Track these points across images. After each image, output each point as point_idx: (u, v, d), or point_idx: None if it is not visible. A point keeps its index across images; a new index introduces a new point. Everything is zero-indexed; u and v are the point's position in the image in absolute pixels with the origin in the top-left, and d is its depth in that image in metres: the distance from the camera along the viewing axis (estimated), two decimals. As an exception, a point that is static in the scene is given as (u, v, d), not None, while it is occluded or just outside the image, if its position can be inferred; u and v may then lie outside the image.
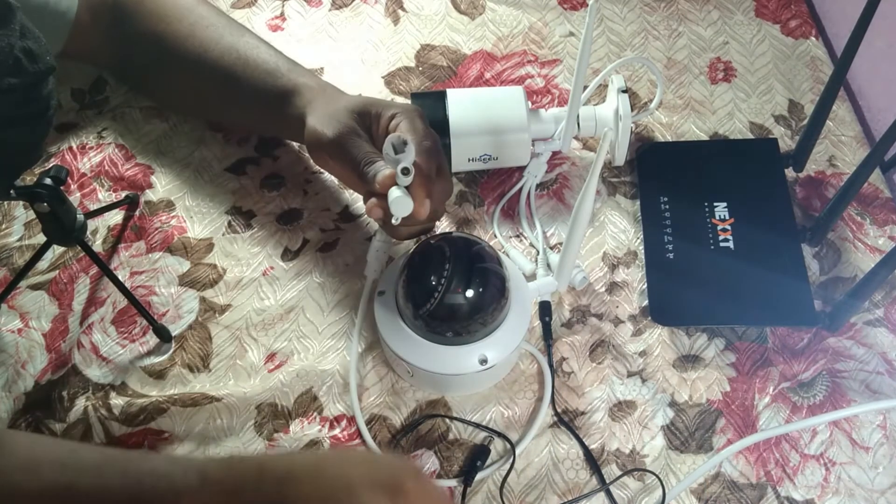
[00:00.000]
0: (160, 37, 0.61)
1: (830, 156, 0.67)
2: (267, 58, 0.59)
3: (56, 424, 0.54)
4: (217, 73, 0.59)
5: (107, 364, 0.57)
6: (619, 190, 0.65)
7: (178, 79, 0.63)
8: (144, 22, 0.61)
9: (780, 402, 0.54)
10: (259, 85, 0.59)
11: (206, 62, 0.59)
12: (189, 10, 0.61)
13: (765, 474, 0.52)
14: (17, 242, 0.62)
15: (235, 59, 0.59)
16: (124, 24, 0.62)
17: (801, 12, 0.77)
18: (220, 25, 0.60)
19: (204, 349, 0.57)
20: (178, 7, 0.61)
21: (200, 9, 0.61)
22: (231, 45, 0.59)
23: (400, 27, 0.77)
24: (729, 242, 0.60)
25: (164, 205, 0.65)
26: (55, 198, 0.51)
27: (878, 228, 0.62)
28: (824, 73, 0.72)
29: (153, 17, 0.61)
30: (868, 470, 0.52)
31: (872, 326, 0.57)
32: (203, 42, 0.59)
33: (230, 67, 0.59)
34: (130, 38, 0.63)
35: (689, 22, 0.77)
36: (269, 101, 0.58)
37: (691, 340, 0.57)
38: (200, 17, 0.60)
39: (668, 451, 0.53)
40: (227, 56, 0.59)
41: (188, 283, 0.61)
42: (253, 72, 0.59)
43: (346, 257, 0.62)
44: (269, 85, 0.58)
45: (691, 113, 0.70)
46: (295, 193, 0.65)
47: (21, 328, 0.58)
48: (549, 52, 0.75)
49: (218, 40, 0.59)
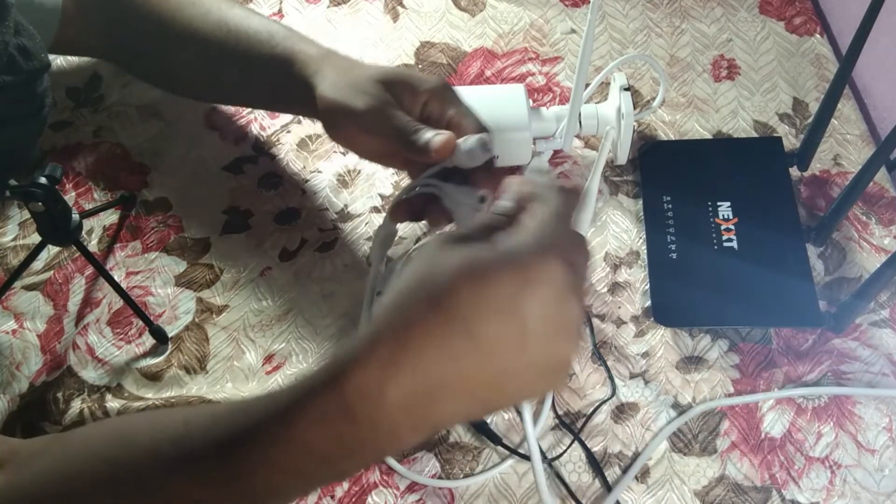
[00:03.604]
0: (147, 19, 0.59)
1: (835, 154, 0.66)
2: (259, 27, 0.57)
3: (51, 427, 0.53)
4: (210, 50, 0.58)
5: (102, 365, 0.56)
6: (622, 189, 0.65)
7: (172, 60, 0.62)
8: (130, 5, 0.60)
9: (784, 405, 0.54)
10: (254, 56, 0.56)
11: (196, 39, 0.58)
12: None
13: (769, 477, 0.51)
14: (12, 242, 0.62)
15: (227, 33, 0.57)
16: (111, 10, 0.61)
17: (805, 9, 0.76)
18: (207, 2, 0.59)
19: (201, 350, 0.57)
20: None
21: None
22: (220, 19, 0.58)
23: (399, 24, 0.77)
24: (732, 242, 0.59)
25: (160, 204, 0.64)
26: (50, 197, 0.50)
27: (884, 228, 0.62)
28: (829, 71, 0.71)
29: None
30: (874, 473, 0.51)
31: (878, 327, 0.57)
32: (191, 19, 0.58)
33: (222, 42, 0.57)
34: (118, 24, 0.61)
35: (692, 19, 0.76)
36: (268, 72, 0.56)
37: (694, 342, 0.57)
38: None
39: (671, 453, 0.52)
40: (218, 31, 0.57)
41: (185, 283, 0.60)
42: (246, 43, 0.56)
43: (344, 257, 0.61)
44: (265, 54, 0.56)
45: (694, 111, 0.69)
46: (293, 193, 0.65)
47: (15, 329, 0.57)
48: (551, 50, 0.74)
49: (205, 16, 0.58)
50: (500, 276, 0.32)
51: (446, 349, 0.31)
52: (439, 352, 0.31)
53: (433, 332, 0.32)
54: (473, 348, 0.32)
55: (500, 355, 0.32)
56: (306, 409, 0.32)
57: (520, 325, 0.32)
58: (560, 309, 0.33)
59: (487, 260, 0.32)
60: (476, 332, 0.31)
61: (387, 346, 0.32)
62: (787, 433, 0.53)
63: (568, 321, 0.33)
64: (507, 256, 0.33)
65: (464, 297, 0.32)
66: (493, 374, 0.33)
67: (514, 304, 0.32)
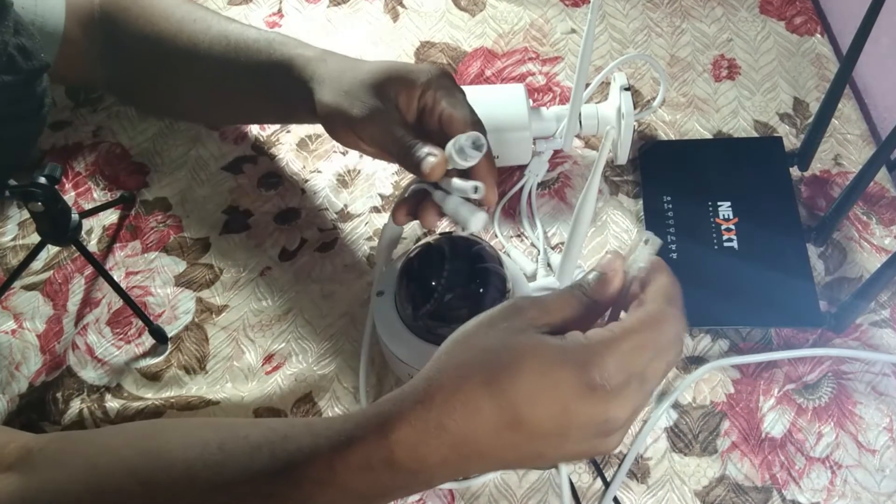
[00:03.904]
0: (150, 39, 0.59)
1: (836, 154, 0.66)
2: (257, 37, 0.57)
3: (51, 427, 0.53)
4: (211, 65, 0.58)
5: (102, 366, 0.56)
6: (622, 189, 0.65)
7: (174, 79, 0.62)
8: (132, 27, 0.60)
9: (784, 405, 0.54)
10: (254, 66, 0.56)
11: (197, 55, 0.58)
12: (174, 8, 0.60)
13: (770, 477, 0.51)
14: (11, 242, 0.62)
15: (226, 46, 0.57)
16: (115, 34, 0.61)
17: (806, 9, 0.76)
18: (207, 18, 0.59)
19: (200, 350, 0.57)
20: (163, 7, 0.60)
21: (185, 6, 0.60)
22: (220, 34, 0.58)
23: (399, 24, 0.77)
24: (733, 242, 0.59)
25: (159, 204, 0.64)
26: (50, 197, 0.50)
27: (885, 228, 0.61)
28: (830, 71, 0.71)
29: (140, 20, 0.60)
30: (874, 473, 0.51)
31: (878, 327, 0.57)
32: (192, 36, 0.58)
33: (223, 55, 0.57)
34: (122, 47, 0.61)
35: (692, 19, 0.76)
36: (269, 80, 0.56)
37: (695, 341, 0.57)
38: (187, 13, 0.59)
39: (672, 453, 0.52)
40: (218, 45, 0.57)
41: (184, 283, 0.60)
42: (246, 53, 0.57)
43: (344, 257, 0.61)
44: (265, 62, 0.56)
45: (695, 111, 0.69)
46: (293, 192, 0.65)
47: (15, 329, 0.57)
48: (551, 50, 0.74)
49: (206, 31, 0.58)
50: (560, 376, 0.33)
51: (492, 425, 0.33)
52: (484, 427, 0.33)
53: (483, 406, 0.33)
54: (517, 431, 0.33)
55: (541, 442, 0.34)
56: (351, 456, 0.33)
57: (564, 423, 0.33)
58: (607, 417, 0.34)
59: (555, 355, 0.33)
60: (524, 418, 0.33)
61: (436, 409, 0.33)
62: (788, 433, 0.52)
63: (613, 425, 0.34)
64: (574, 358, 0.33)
65: (522, 383, 0.33)
66: (530, 454, 0.34)
67: (566, 402, 0.33)
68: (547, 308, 0.36)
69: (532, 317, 0.35)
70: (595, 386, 0.33)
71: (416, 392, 0.34)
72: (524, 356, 0.33)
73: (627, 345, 0.34)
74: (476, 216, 0.45)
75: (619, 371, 0.33)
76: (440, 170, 0.46)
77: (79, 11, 0.61)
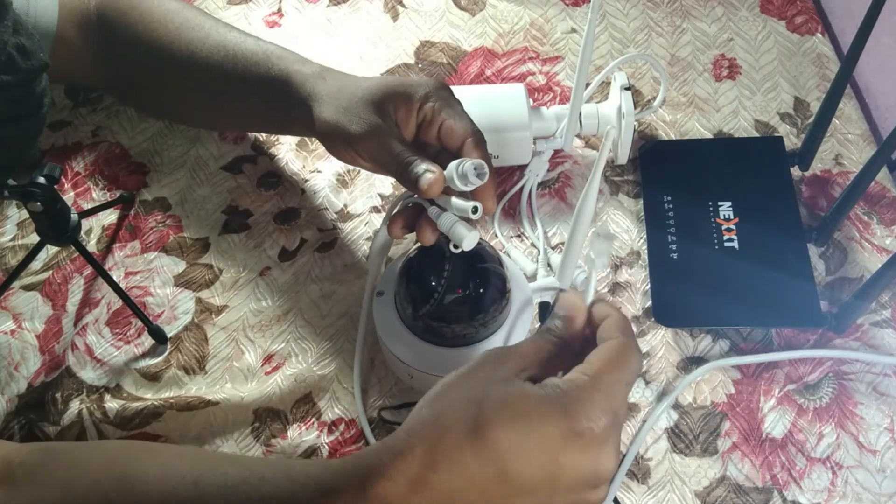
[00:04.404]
0: (148, 44, 0.59)
1: (837, 154, 0.66)
2: (255, 49, 0.57)
3: (50, 427, 0.53)
4: (208, 73, 0.58)
5: (101, 366, 0.56)
6: (622, 189, 0.64)
7: (172, 85, 0.62)
8: (130, 31, 0.60)
9: (785, 405, 0.53)
10: (252, 78, 0.57)
11: (195, 63, 0.58)
12: (174, 14, 0.60)
13: (771, 478, 0.51)
14: (10, 242, 0.62)
15: (224, 56, 0.57)
16: (112, 38, 0.61)
17: (806, 8, 0.76)
18: (206, 26, 0.59)
19: (200, 351, 0.57)
20: (162, 13, 0.60)
21: (185, 12, 0.60)
22: (219, 43, 0.58)
23: (399, 23, 0.77)
24: (733, 242, 0.59)
25: (159, 204, 0.64)
26: (49, 197, 0.50)
27: (886, 228, 0.61)
28: (830, 71, 0.71)
29: (139, 25, 0.59)
30: (875, 473, 0.51)
31: (879, 328, 0.56)
32: (190, 44, 0.58)
33: (221, 64, 0.57)
34: (119, 51, 0.61)
35: (692, 18, 0.76)
36: (265, 94, 0.56)
37: (695, 342, 0.56)
38: (186, 20, 0.59)
39: (672, 454, 0.52)
40: (216, 54, 0.57)
41: (184, 283, 0.60)
42: (244, 64, 0.57)
43: (344, 257, 0.61)
44: (262, 76, 0.56)
45: (695, 111, 0.69)
46: (292, 192, 0.64)
47: (14, 329, 0.57)
48: (551, 49, 0.74)
49: (205, 40, 0.58)
50: (546, 425, 0.32)
51: (476, 480, 0.32)
52: (468, 481, 0.32)
53: (466, 460, 0.32)
54: (502, 484, 0.32)
55: (527, 496, 0.33)
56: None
57: (553, 473, 0.32)
58: (597, 465, 0.33)
59: (539, 404, 0.33)
60: (509, 471, 0.32)
61: (417, 464, 0.32)
62: (789, 434, 0.52)
63: (602, 476, 0.34)
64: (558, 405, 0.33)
65: (505, 435, 0.32)
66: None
67: (555, 452, 0.32)
68: (524, 355, 0.36)
69: (512, 366, 0.35)
70: (582, 431, 0.32)
71: (396, 444, 0.33)
72: (508, 406, 0.33)
73: (604, 384, 0.34)
74: (471, 235, 0.45)
75: (603, 412, 0.33)
76: (437, 187, 0.45)
77: (73, 13, 0.60)
